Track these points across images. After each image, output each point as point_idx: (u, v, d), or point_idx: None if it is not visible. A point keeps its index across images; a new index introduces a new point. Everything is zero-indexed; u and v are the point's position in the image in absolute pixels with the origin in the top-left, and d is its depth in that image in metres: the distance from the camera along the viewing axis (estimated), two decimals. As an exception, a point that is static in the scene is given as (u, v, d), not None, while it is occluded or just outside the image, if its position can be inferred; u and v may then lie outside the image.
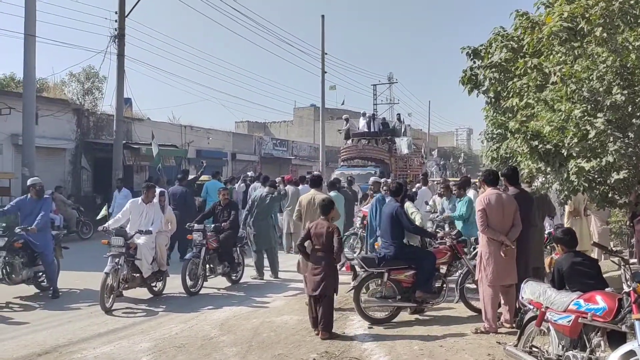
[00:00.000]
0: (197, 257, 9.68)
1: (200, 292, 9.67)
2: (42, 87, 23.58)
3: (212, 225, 10.20)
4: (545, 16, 7.39)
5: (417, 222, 8.73)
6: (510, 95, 7.48)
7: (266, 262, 11.32)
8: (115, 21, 19.35)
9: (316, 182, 9.33)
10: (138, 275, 9.04)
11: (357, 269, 8.06)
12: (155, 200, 9.65)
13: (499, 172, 7.41)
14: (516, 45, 7.82)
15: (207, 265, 9.99)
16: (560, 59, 6.40)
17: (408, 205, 9.13)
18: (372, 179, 14.62)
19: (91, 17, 78.22)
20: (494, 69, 7.91)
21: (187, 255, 9.91)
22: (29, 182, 9.82)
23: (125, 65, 19.58)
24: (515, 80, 7.36)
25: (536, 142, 6.47)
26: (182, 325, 7.67)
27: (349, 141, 25.54)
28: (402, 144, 24.94)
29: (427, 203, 14.03)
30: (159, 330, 7.43)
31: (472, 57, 8.60)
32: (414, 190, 15.18)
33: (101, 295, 8.23)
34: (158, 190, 10.08)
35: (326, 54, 32.85)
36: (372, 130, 25.47)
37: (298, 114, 59.92)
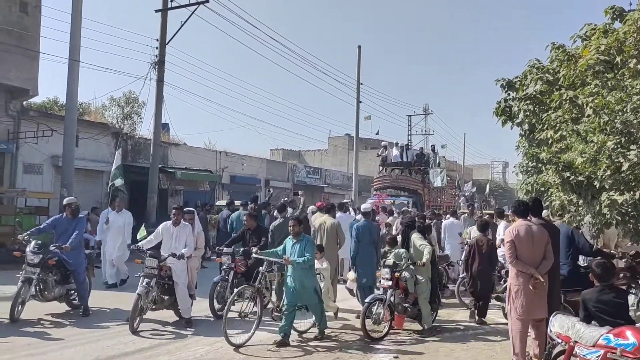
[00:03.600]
0: (224, 280, 9.70)
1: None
2: (83, 110, 24.26)
3: (241, 249, 10.23)
4: (582, 49, 7.36)
5: (425, 257, 8.64)
6: (544, 128, 7.41)
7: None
8: (156, 48, 19.83)
9: (329, 209, 11.36)
10: (167, 297, 9.07)
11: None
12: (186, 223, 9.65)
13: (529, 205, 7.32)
14: (552, 78, 7.78)
15: (235, 289, 9.96)
16: (594, 90, 6.34)
17: (415, 237, 9.01)
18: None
19: (133, 44, 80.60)
20: (528, 101, 7.87)
21: (215, 278, 9.95)
22: (65, 201, 10.06)
23: (164, 91, 20.01)
24: (550, 112, 7.31)
25: (568, 174, 6.40)
26: (208, 348, 7.70)
27: (383, 170, 25.50)
28: (436, 178, 24.76)
29: (460, 235, 13.99)
30: (185, 352, 7.47)
31: (506, 89, 8.59)
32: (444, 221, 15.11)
33: (132, 316, 8.29)
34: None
35: (361, 84, 33.06)
36: (405, 160, 25.39)
37: (333, 142, 60.16)
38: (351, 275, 10.41)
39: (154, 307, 8.91)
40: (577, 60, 7.28)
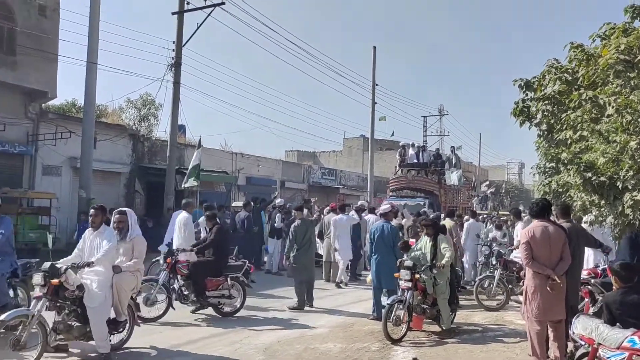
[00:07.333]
0: (152, 281, 9.31)
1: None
2: (101, 112, 24.45)
3: (176, 249, 9.91)
4: (602, 49, 7.30)
5: (446, 259, 8.56)
6: (563, 128, 7.36)
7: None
8: (173, 50, 19.91)
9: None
10: (78, 324, 6.76)
11: None
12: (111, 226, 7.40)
13: (551, 204, 7.23)
14: (570, 78, 7.73)
15: (179, 291, 9.47)
16: (616, 90, 6.28)
17: (441, 238, 8.92)
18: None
19: (150, 47, 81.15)
20: (547, 101, 7.83)
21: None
22: None
23: (180, 93, 20.08)
24: (569, 112, 7.25)
25: (590, 174, 6.34)
26: None
27: (399, 171, 25.45)
28: (453, 176, 24.66)
29: (478, 236, 13.92)
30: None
31: (524, 89, 8.55)
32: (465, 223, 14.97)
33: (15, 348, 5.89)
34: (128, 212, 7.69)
35: (377, 85, 33.03)
36: (421, 161, 25.32)
37: (347, 144, 60.08)
38: (369, 278, 10.38)
39: (60, 337, 6.77)
40: (596, 60, 7.21)
